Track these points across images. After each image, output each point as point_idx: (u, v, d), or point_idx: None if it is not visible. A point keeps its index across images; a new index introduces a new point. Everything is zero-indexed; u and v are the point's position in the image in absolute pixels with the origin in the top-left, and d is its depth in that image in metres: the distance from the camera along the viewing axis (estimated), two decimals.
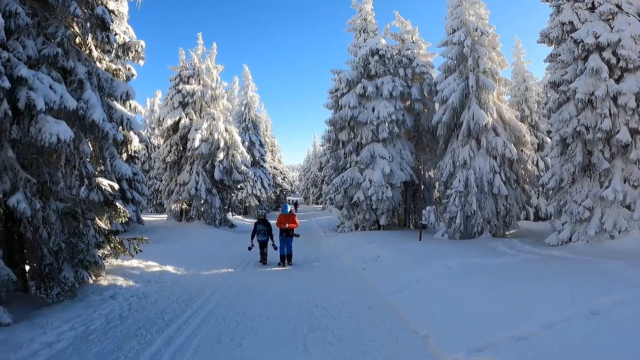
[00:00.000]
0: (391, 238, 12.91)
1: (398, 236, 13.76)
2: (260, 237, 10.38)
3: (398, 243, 11.14)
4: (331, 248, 12.50)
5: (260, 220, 10.54)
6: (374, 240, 12.03)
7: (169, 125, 19.92)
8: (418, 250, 9.28)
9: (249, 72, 30.89)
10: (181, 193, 19.11)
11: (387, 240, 12.07)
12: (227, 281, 7.79)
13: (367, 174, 15.86)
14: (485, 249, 10.84)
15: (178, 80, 21.43)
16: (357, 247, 11.26)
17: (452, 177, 15.67)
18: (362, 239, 12.75)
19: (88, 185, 6.36)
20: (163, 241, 12.80)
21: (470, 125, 15.46)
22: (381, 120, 16.01)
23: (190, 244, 12.29)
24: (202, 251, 11.13)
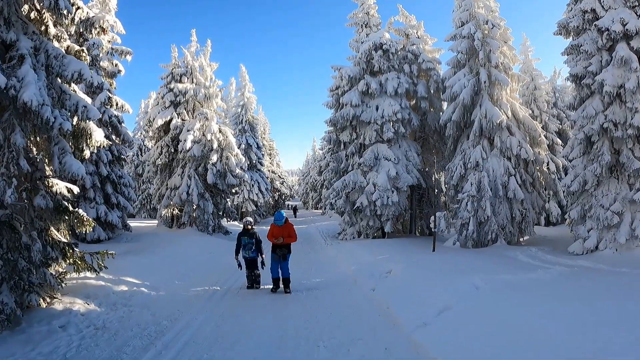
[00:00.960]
0: (399, 247, 11.69)
1: (406, 245, 12.53)
2: (246, 253, 8.08)
3: (409, 254, 9.88)
4: (332, 259, 11.26)
5: (244, 231, 8.23)
6: (380, 251, 10.80)
7: (159, 125, 18.77)
8: (434, 264, 8.02)
9: (246, 72, 29.81)
10: (172, 198, 17.89)
11: (396, 251, 10.84)
12: (208, 306, 6.55)
13: (370, 177, 14.65)
14: (507, 260, 9.63)
15: (170, 78, 20.28)
16: (362, 258, 10.00)
17: (463, 180, 14.48)
18: (367, 249, 11.51)
19: (18, 187, 5.10)
20: (147, 251, 11.57)
21: (483, 123, 14.30)
22: (386, 119, 14.84)
23: (176, 255, 11.02)
24: (188, 263, 9.81)
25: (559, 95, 28.28)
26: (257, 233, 8.27)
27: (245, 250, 8.07)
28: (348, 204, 15.17)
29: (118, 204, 15.59)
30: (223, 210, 19.32)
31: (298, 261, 10.61)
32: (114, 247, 13.84)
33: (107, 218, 14.83)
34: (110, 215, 14.99)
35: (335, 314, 5.74)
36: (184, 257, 10.77)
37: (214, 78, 20.04)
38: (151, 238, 15.49)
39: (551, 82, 27.93)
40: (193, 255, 11.23)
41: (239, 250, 8.10)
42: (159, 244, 13.42)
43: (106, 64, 16.56)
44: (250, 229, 8.23)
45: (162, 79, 20.64)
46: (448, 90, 15.36)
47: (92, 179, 14.71)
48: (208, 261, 10.69)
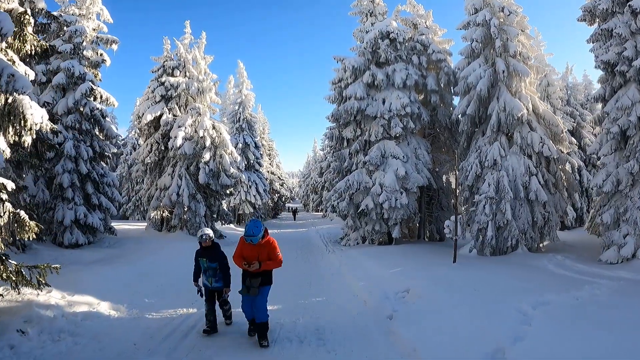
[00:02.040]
0: (412, 256, 10.32)
1: (419, 254, 11.17)
2: (207, 280, 5.47)
3: (425, 265, 8.52)
4: (336, 271, 9.73)
5: (202, 250, 5.52)
6: (391, 261, 9.41)
7: (148, 121, 17.47)
8: (460, 280, 6.64)
9: (244, 68, 28.51)
10: (161, 199, 16.57)
11: (409, 260, 9.46)
12: (173, 338, 5.01)
13: (377, 177, 13.31)
14: (538, 272, 8.31)
15: (161, 71, 19.00)
16: (371, 270, 8.58)
17: (479, 180, 13.14)
18: (375, 258, 10.11)
19: None
20: (124, 259, 10.26)
21: (501, 117, 12.99)
22: (393, 113, 13.51)
23: (158, 264, 9.68)
24: (168, 275, 8.38)
25: (571, 92, 27.05)
26: (221, 253, 5.50)
27: (206, 277, 5.45)
28: (352, 207, 13.82)
29: (100, 205, 14.26)
30: (217, 213, 17.97)
31: (295, 272, 9.23)
32: (90, 253, 12.60)
33: (87, 220, 13.50)
34: (90, 218, 13.66)
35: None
36: (166, 267, 9.41)
37: (208, 71, 18.76)
38: (136, 243, 14.17)
39: (563, 78, 26.67)
40: (178, 265, 9.85)
41: (198, 276, 5.59)
42: (141, 250, 12.10)
43: (90, 54, 15.28)
44: (211, 246, 5.45)
45: (153, 72, 19.36)
46: (461, 83, 14.06)
47: (70, 177, 13.40)
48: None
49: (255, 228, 4.85)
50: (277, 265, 5.02)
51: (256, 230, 4.84)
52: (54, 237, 13.65)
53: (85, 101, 14.26)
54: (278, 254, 5.02)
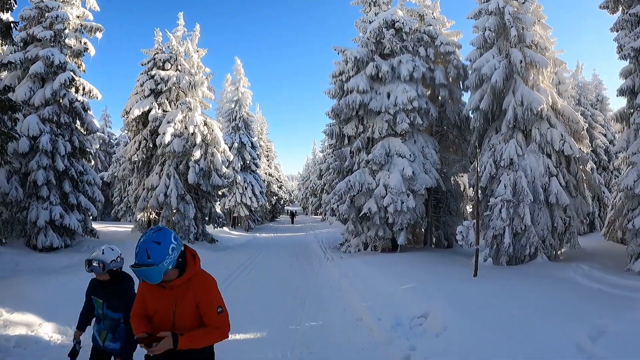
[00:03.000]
0: (422, 267, 9.11)
1: (430, 263, 9.96)
2: (99, 334, 3.09)
3: (442, 280, 7.31)
4: (334, 284, 8.42)
5: (100, 284, 3.05)
6: (399, 272, 8.17)
7: (135, 116, 16.36)
8: (488, 300, 5.42)
9: (241, 65, 27.38)
10: (148, 199, 15.41)
11: (420, 272, 8.24)
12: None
13: (381, 178, 12.14)
14: (570, 287, 7.16)
15: (151, 64, 17.94)
16: (378, 285, 7.34)
17: (494, 181, 11.98)
18: (380, 269, 8.84)
19: None
20: None
21: (518, 112, 11.85)
22: (399, 107, 12.37)
23: (131, 272, 8.52)
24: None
25: (582, 91, 25.98)
26: (132, 295, 2.81)
27: (98, 329, 3.11)
28: (353, 210, 12.63)
29: (78, 205, 13.10)
30: (208, 215, 16.80)
31: (288, 284, 8.06)
32: (62, 258, 11.36)
33: (63, 222, 12.34)
34: (67, 219, 12.50)
35: None
36: None
37: (201, 65, 17.64)
38: (117, 247, 12.95)
39: (574, 77, 25.59)
40: None
41: (87, 322, 3.26)
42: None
43: (73, 42, 14.19)
44: (114, 281, 3.04)
45: (142, 65, 18.30)
46: (473, 75, 12.94)
47: (45, 174, 12.26)
48: None
49: (154, 247, 2.05)
50: (219, 337, 2.26)
51: (156, 251, 2.04)
52: (28, 239, 12.51)
53: (65, 92, 13.15)
54: (220, 311, 2.25)
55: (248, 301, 6.67)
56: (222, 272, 9.74)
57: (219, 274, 9.40)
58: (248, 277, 9.21)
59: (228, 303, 2.25)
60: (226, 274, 9.44)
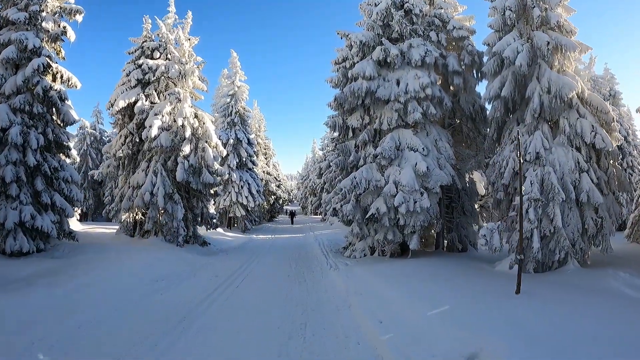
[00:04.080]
0: (448, 280, 7.73)
1: (453, 273, 8.62)
2: None
3: (476, 297, 5.97)
4: (341, 302, 6.88)
5: None
6: (420, 287, 6.77)
7: (121, 108, 15.03)
8: (552, 330, 4.09)
9: (237, 58, 26.06)
10: (134, 199, 14.09)
11: (447, 287, 6.87)
12: None
13: (390, 174, 10.83)
14: (623, 301, 5.85)
15: (139, 53, 16.63)
16: (397, 308, 5.88)
17: (517, 177, 10.69)
18: (396, 283, 7.45)
19: None
20: (63, 274, 7.77)
21: (544, 100, 10.59)
22: (411, 95, 11.06)
23: (99, 284, 7.19)
24: (102, 305, 5.80)
25: (595, 85, 24.80)
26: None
27: None
28: (358, 211, 11.31)
29: (53, 205, 11.78)
30: (200, 216, 15.48)
31: (286, 300, 6.78)
32: (29, 266, 9.84)
33: (34, 223, 11.02)
34: (39, 220, 11.19)
35: None
36: (109, 290, 6.91)
37: (192, 53, 16.32)
38: (97, 251, 11.66)
39: (587, 70, 24.36)
40: (128, 286, 7.38)
41: None
42: (96, 262, 9.62)
43: (51, 26, 12.89)
44: None
45: (129, 53, 16.98)
46: (491, 61, 11.68)
47: (15, 169, 10.97)
48: (141, 301, 6.63)
49: None
50: None
51: None
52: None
53: (38, 79, 11.86)
54: None
55: (234, 329, 5.35)
56: (209, 282, 8.44)
57: (205, 286, 8.05)
58: (238, 291, 7.88)
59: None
60: (213, 285, 8.15)
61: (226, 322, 5.67)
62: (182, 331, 5.18)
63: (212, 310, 6.31)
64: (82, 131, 34.79)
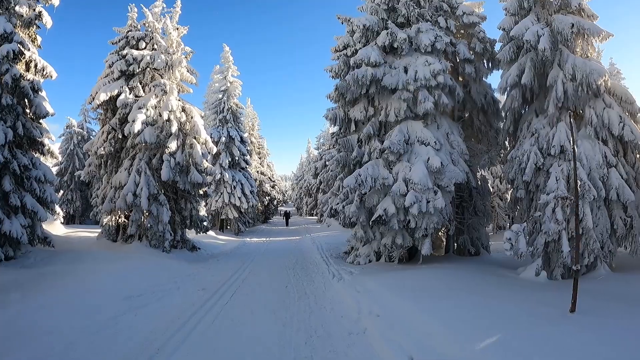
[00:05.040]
0: (477, 291, 6.64)
1: (477, 283, 7.54)
2: None
3: (526, 319, 4.85)
4: (354, 327, 5.53)
5: None
6: (449, 305, 5.77)
7: (102, 102, 13.82)
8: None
9: (230, 52, 24.87)
10: (116, 200, 12.87)
11: (481, 302, 5.77)
12: None
13: (399, 171, 9.76)
14: None
15: (124, 43, 15.39)
16: (431, 339, 4.51)
17: (539, 174, 9.70)
18: (417, 298, 6.26)
19: None
20: (22, 289, 6.55)
21: (568, 89, 9.61)
22: (421, 83, 10.01)
23: (58, 304, 6.00)
24: (50, 336, 4.66)
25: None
26: None
27: None
28: (363, 212, 10.21)
29: (23, 208, 10.56)
30: (189, 218, 14.29)
31: (285, 326, 5.60)
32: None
33: (2, 228, 9.82)
34: (7, 224, 9.99)
35: None
36: (74, 312, 5.75)
37: (180, 43, 15.14)
38: (73, 259, 10.44)
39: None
40: (98, 305, 6.18)
41: None
42: (65, 274, 8.41)
43: (25, 10, 11.69)
44: None
45: (113, 43, 15.75)
46: (507, 47, 10.72)
47: None
48: (107, 326, 5.32)
49: None
50: None
51: None
52: None
53: (8, 67, 10.64)
54: None
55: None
56: (194, 298, 7.25)
57: (189, 304, 6.80)
58: (227, 310, 6.66)
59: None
60: (199, 301, 6.98)
61: (210, 354, 4.55)
62: None
63: (193, 338, 5.16)
64: (68, 130, 33.36)
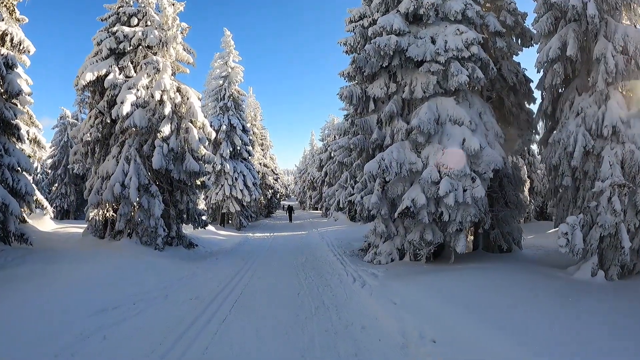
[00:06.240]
0: (541, 299, 5.33)
1: (531, 288, 6.15)
2: None
3: (633, 335, 3.62)
4: (402, 357, 4.13)
5: None
6: (528, 323, 4.45)
7: (88, 82, 12.44)
8: None
9: (231, 37, 23.43)
10: (102, 192, 11.55)
11: (560, 317, 4.36)
12: None
13: (430, 155, 8.40)
14: None
15: (114, 19, 13.96)
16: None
17: (589, 158, 8.35)
18: (480, 313, 4.83)
19: None
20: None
21: (618, 62, 8.22)
22: (453, 54, 8.62)
23: (6, 322, 4.71)
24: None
25: None
26: None
27: None
28: (385, 203, 8.87)
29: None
30: (186, 212, 12.99)
31: (302, 357, 4.24)
32: None
33: None
34: None
35: None
36: (30, 331, 4.49)
37: (176, 18, 13.71)
38: (50, 260, 9.14)
39: None
40: (63, 320, 4.92)
41: None
42: (36, 277, 7.12)
43: None
44: None
45: (102, 20, 14.30)
46: (544, 18, 9.39)
47: None
48: (63, 355, 4.19)
49: None
50: None
51: None
52: None
53: None
54: None
55: None
56: (184, 311, 5.87)
57: (176, 320, 5.33)
58: (225, 331, 5.20)
59: None
60: (189, 316, 5.58)
61: None
62: None
63: None
64: (62, 121, 32.04)
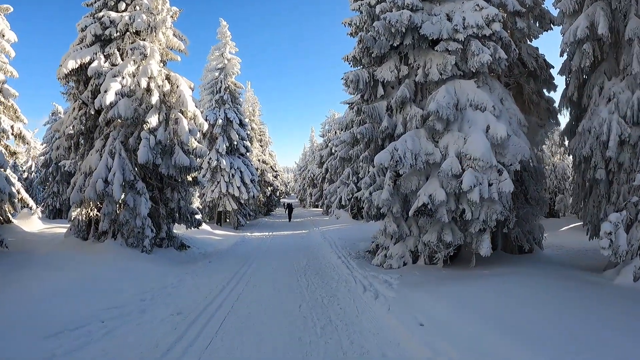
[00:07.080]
0: (597, 311, 4.33)
1: (576, 298, 5.16)
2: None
3: None
4: None
5: None
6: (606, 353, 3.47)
7: (70, 70, 11.42)
8: None
9: (227, 27, 22.41)
10: (85, 189, 10.58)
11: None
12: None
13: (449, 144, 7.44)
14: None
15: (100, 4, 12.94)
16: None
17: (624, 149, 7.40)
18: (529, 340, 3.82)
19: None
20: None
21: None
22: (472, 32, 7.64)
23: None
24: None
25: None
26: None
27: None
28: (397, 200, 7.90)
29: None
30: (177, 211, 12.03)
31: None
32: None
33: None
34: None
35: None
36: None
37: (166, 1, 12.69)
38: (18, 266, 8.16)
39: None
40: (12, 348, 3.96)
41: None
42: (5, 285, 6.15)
43: None
44: None
45: (87, 5, 13.29)
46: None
47: None
48: None
49: None
50: None
51: None
52: None
53: None
54: None
55: None
56: (161, 333, 4.87)
57: (150, 345, 4.19)
58: (207, 358, 4.23)
59: None
60: (167, 339, 4.58)
61: None
62: None
63: None
64: (54, 117, 31.01)
